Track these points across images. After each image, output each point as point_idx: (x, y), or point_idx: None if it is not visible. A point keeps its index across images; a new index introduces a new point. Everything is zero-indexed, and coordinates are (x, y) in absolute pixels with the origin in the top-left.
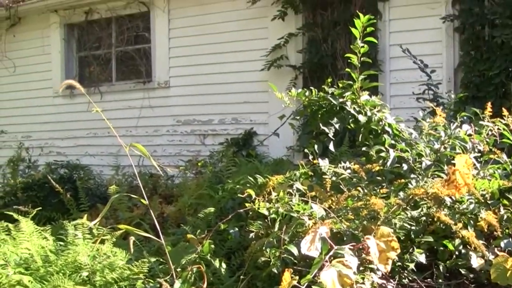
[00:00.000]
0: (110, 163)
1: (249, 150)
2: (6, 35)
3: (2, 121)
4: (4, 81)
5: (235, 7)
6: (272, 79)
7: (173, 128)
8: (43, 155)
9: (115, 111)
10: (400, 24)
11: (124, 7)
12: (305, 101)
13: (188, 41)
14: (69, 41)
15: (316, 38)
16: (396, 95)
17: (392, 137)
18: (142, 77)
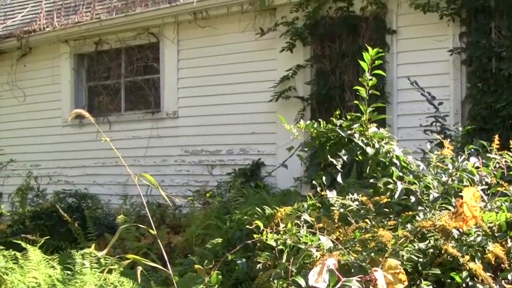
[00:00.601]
0: (118, 193)
1: (257, 181)
2: (17, 65)
3: (12, 149)
4: (14, 110)
5: (244, 38)
6: (280, 110)
7: (181, 158)
8: (51, 183)
9: (123, 141)
10: (407, 56)
11: (134, 38)
12: (313, 133)
13: (197, 71)
14: (79, 71)
15: (324, 69)
16: (403, 127)
17: (399, 169)
18: (150, 107)
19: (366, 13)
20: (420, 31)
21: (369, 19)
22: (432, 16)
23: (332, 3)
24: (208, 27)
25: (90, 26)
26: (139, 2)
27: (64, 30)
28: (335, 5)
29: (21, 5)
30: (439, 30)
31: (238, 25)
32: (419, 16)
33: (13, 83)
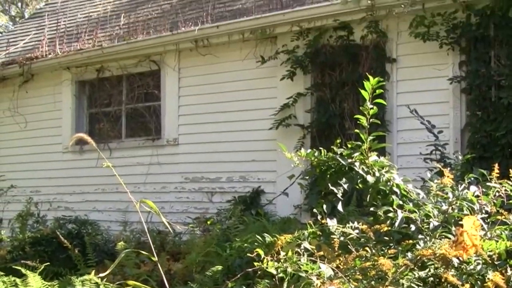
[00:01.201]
0: (118, 219)
1: (257, 208)
2: (18, 91)
3: (12, 175)
4: (15, 136)
5: (244, 66)
6: (281, 138)
7: (181, 185)
8: (51, 210)
9: (124, 168)
10: (407, 85)
11: (135, 65)
12: (314, 161)
13: (198, 99)
14: (80, 97)
15: (325, 98)
16: (403, 155)
17: (400, 197)
18: (151, 134)
19: (366, 42)
20: (420, 59)
21: (369, 48)
22: (432, 45)
23: (333, 32)
24: (209, 55)
25: (92, 53)
26: (141, 30)
27: (66, 57)
28: (335, 33)
29: (24, 32)
30: (439, 59)
31: (239, 53)
32: (419, 45)
33: (15, 109)
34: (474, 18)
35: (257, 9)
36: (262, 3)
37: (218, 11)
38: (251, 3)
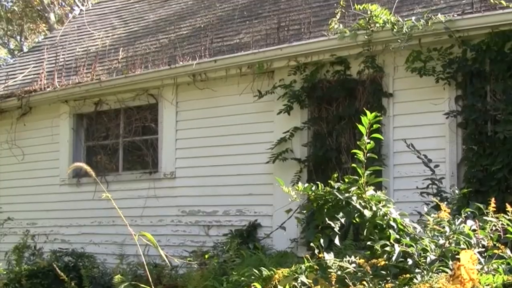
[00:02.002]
0: (115, 252)
1: (254, 242)
2: (16, 123)
3: (9, 207)
4: (12, 168)
5: (242, 100)
6: (277, 171)
7: (177, 218)
8: (48, 242)
9: (121, 200)
10: (404, 119)
11: (133, 99)
12: (311, 195)
13: (195, 133)
14: (78, 130)
15: (321, 132)
16: (399, 189)
17: (397, 231)
18: (148, 167)
19: (363, 77)
20: (416, 94)
21: (366, 83)
22: (428, 80)
23: (330, 66)
24: (207, 89)
25: (90, 87)
26: (139, 64)
27: (65, 90)
28: (332, 68)
29: (23, 66)
30: (435, 94)
31: (236, 88)
32: (415, 79)
33: (13, 142)
34: (470, 53)
35: (255, 44)
36: (260, 38)
37: (216, 46)
38: (249, 38)
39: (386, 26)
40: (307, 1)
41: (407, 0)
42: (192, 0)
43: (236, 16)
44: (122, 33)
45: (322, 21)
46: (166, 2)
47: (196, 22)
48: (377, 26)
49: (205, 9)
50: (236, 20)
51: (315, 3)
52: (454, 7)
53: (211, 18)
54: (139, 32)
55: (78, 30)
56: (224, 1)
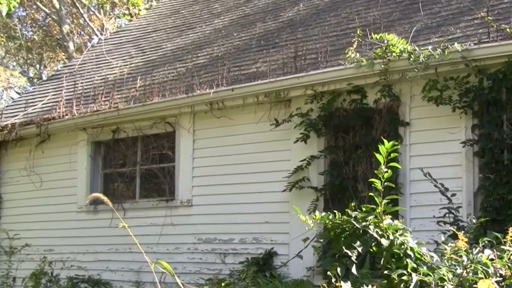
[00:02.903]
0: (131, 279)
1: (270, 270)
2: (35, 151)
3: (26, 234)
4: (30, 195)
5: (258, 129)
6: (294, 200)
7: (194, 246)
8: (64, 269)
9: (137, 228)
10: (420, 148)
11: (150, 127)
12: (328, 224)
13: (212, 161)
14: (96, 158)
15: (338, 160)
16: (416, 218)
17: (414, 260)
18: (165, 195)
19: (380, 105)
20: (433, 123)
21: (383, 111)
22: (445, 109)
23: (346, 95)
24: (224, 117)
25: (108, 115)
26: (157, 92)
27: (83, 118)
28: (349, 97)
29: (42, 94)
30: (452, 123)
31: (253, 116)
32: (432, 108)
33: (31, 169)
34: (486, 82)
35: (272, 73)
36: (277, 67)
37: (233, 75)
38: (266, 66)
39: (402, 55)
40: (324, 30)
41: (424, 30)
42: (209, 29)
43: (253, 45)
44: (140, 62)
45: (338, 50)
46: (183, 32)
47: (213, 51)
48: (394, 55)
49: (222, 38)
50: (253, 49)
51: (331, 32)
52: (470, 36)
53: (229, 47)
54: (157, 60)
55: (96, 58)
56: (241, 30)
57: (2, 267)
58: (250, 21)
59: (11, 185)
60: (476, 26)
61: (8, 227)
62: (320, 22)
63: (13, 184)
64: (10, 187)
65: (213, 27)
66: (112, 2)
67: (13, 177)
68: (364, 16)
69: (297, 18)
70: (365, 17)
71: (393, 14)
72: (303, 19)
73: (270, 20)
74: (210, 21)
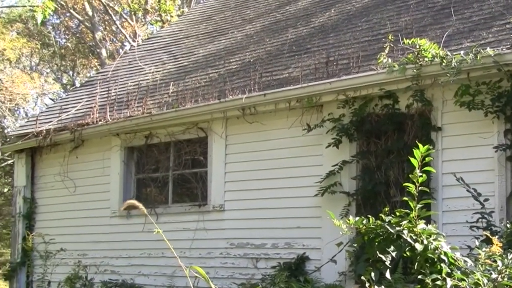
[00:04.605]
0: (164, 283)
1: (302, 275)
2: (69, 156)
3: (61, 238)
4: (64, 200)
5: (291, 134)
6: (325, 205)
7: (226, 251)
8: (98, 273)
9: (170, 233)
10: (452, 153)
11: (183, 132)
12: (362, 228)
13: (244, 166)
14: (128, 163)
15: (370, 165)
16: (448, 223)
17: (448, 265)
18: (197, 200)
19: (412, 111)
20: (465, 128)
21: (415, 116)
22: (477, 114)
23: (378, 100)
24: (256, 123)
25: (141, 120)
26: (189, 98)
27: (116, 124)
28: (381, 102)
29: (76, 100)
30: (484, 127)
31: (285, 121)
32: (464, 113)
33: (65, 174)
34: None
35: (304, 78)
36: (309, 72)
37: (265, 80)
38: (298, 72)
39: (435, 60)
40: (356, 35)
41: (456, 35)
42: (241, 35)
43: (285, 51)
44: (172, 68)
45: (370, 56)
46: (215, 38)
47: (245, 57)
48: (426, 60)
49: (254, 44)
50: (285, 54)
51: (363, 37)
52: (502, 41)
53: (260, 53)
54: (189, 66)
55: (129, 65)
56: (273, 36)
57: (38, 271)
58: (282, 27)
59: (45, 190)
60: (508, 30)
61: (42, 231)
62: (351, 27)
63: (47, 189)
64: (45, 192)
65: (244, 33)
66: (144, 9)
67: (47, 182)
68: (395, 21)
69: (328, 23)
70: (396, 22)
71: (424, 19)
72: (335, 25)
73: (301, 26)
74: (242, 27)
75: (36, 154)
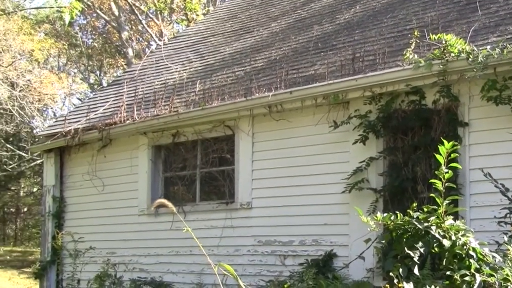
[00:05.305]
0: (193, 281)
1: (330, 271)
2: (97, 155)
3: (90, 237)
4: (93, 199)
5: (317, 131)
6: (353, 201)
7: (254, 248)
8: (127, 271)
9: (197, 230)
10: (480, 148)
11: (209, 131)
12: (390, 225)
13: (271, 163)
14: (156, 162)
15: (397, 162)
16: (476, 219)
17: (476, 261)
18: (225, 197)
19: (438, 106)
20: (492, 123)
21: (441, 112)
22: (504, 109)
23: (405, 96)
24: (283, 120)
25: (168, 119)
26: (216, 96)
27: (143, 123)
28: (407, 98)
29: (103, 99)
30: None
31: (312, 118)
32: (491, 108)
33: (93, 173)
34: None
35: (330, 75)
36: (335, 69)
37: (291, 77)
38: (324, 69)
39: (461, 56)
40: (381, 32)
41: (482, 30)
42: (266, 33)
43: (310, 48)
44: (199, 66)
45: (396, 52)
46: (241, 36)
47: (271, 55)
48: (452, 55)
49: (280, 42)
50: (311, 51)
51: (389, 34)
52: None
53: (286, 50)
54: (215, 65)
55: (156, 64)
56: (298, 33)
57: (67, 269)
58: (307, 24)
59: (74, 189)
60: None
61: (72, 230)
62: (377, 23)
63: (76, 188)
64: (74, 191)
65: (270, 31)
66: (170, 8)
67: (76, 181)
68: (421, 17)
69: (354, 20)
70: (422, 18)
71: (450, 15)
72: (360, 21)
73: (327, 23)
74: (267, 24)
75: (64, 153)
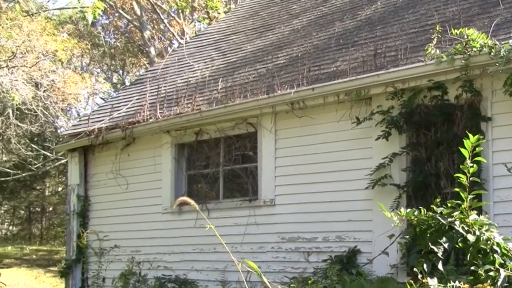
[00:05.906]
0: (217, 278)
1: (354, 268)
2: (121, 154)
3: (114, 235)
4: (117, 197)
5: (340, 128)
6: (376, 197)
7: (277, 245)
8: (152, 269)
9: (221, 228)
10: (503, 143)
11: (232, 128)
12: (414, 220)
13: (294, 160)
14: (179, 160)
15: (420, 157)
16: (500, 214)
17: (500, 256)
18: (248, 195)
19: (461, 101)
20: None
21: (464, 107)
22: None
23: (427, 91)
24: (305, 117)
25: (191, 117)
26: (238, 94)
27: (166, 121)
28: (430, 93)
29: (126, 98)
30: None
31: (334, 115)
32: None
33: (117, 172)
34: None
35: (352, 71)
36: (357, 65)
37: (313, 74)
38: (346, 65)
39: (483, 50)
40: (403, 27)
41: (504, 24)
42: (288, 30)
43: (332, 44)
44: (221, 64)
45: (418, 47)
46: (263, 33)
47: (293, 52)
48: (474, 50)
49: (301, 39)
50: (332, 48)
51: (410, 29)
52: None
53: (308, 47)
54: (237, 62)
55: (178, 62)
56: (320, 30)
57: (92, 268)
58: (328, 21)
59: (98, 188)
60: None
61: (96, 229)
62: (398, 19)
63: (100, 187)
64: (98, 190)
65: (291, 28)
66: (191, 6)
67: (100, 180)
68: (442, 12)
69: (375, 16)
70: (443, 13)
71: (472, 9)
72: (381, 17)
73: (348, 19)
74: (289, 22)
75: (88, 152)
